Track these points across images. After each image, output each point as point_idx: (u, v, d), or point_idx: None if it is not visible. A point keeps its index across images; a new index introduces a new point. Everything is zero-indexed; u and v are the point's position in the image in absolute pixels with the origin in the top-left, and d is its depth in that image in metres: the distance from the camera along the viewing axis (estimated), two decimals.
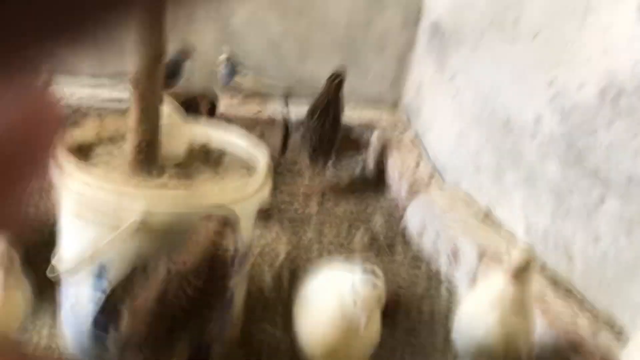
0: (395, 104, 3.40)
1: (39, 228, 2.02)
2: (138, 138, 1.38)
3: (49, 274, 1.40)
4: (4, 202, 0.21)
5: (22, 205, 0.21)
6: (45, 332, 1.56)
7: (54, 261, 1.46)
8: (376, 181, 2.94)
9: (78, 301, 1.41)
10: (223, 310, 1.40)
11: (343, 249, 2.24)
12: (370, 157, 3.10)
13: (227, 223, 1.19)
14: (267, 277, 1.92)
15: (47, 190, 2.15)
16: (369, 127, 3.00)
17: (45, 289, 1.71)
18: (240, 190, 1.38)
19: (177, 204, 1.27)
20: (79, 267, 1.32)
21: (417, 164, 2.70)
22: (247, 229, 1.46)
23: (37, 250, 1.87)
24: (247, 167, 1.58)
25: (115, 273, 1.33)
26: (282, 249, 2.15)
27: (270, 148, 2.91)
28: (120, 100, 2.90)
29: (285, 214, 2.49)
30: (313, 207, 2.58)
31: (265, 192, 1.47)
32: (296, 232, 2.32)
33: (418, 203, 2.40)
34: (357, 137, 2.74)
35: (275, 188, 2.67)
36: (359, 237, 2.31)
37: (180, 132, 1.55)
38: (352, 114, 2.80)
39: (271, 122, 3.06)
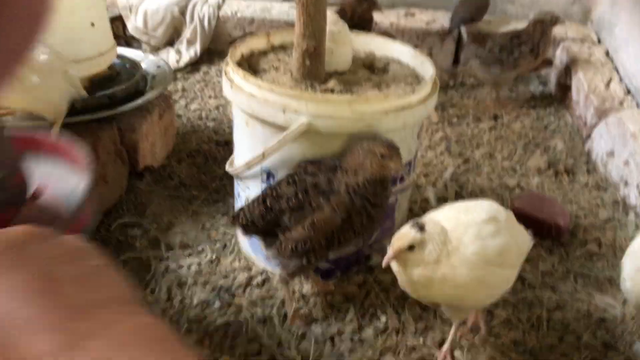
0: (583, 19, 3.06)
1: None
2: (304, 46, 1.39)
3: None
4: None
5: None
6: (221, 229, 1.70)
7: (229, 163, 1.57)
8: (558, 99, 2.68)
9: (248, 199, 1.49)
10: (385, 221, 1.42)
11: (516, 170, 2.10)
12: (553, 74, 2.84)
13: (393, 147, 1.18)
14: (431, 194, 1.87)
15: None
16: (553, 42, 2.72)
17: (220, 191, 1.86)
18: (405, 99, 1.33)
19: (342, 109, 1.26)
20: (250, 165, 1.39)
21: (608, 84, 2.41)
22: (411, 139, 1.42)
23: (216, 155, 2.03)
24: (414, 78, 1.52)
25: (281, 177, 1.38)
26: (450, 166, 2.08)
27: (439, 61, 2.81)
28: (289, 14, 2.96)
29: (455, 128, 2.39)
30: (486, 124, 2.44)
31: (431, 103, 1.40)
32: (464, 150, 2.22)
33: (607, 125, 2.15)
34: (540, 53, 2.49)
35: (444, 102, 2.60)
36: (536, 159, 2.15)
37: (345, 40, 1.52)
38: None
39: (442, 34, 2.91)
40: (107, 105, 1.70)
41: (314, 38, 1.38)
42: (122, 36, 2.93)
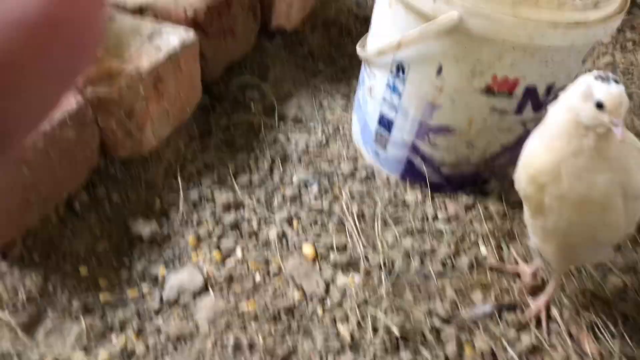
0: None
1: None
2: None
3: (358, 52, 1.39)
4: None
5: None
6: (338, 112, 1.61)
7: (360, 43, 1.44)
8: None
9: (371, 91, 1.38)
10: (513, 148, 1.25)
11: None
12: None
13: None
14: None
15: None
16: None
17: (346, 71, 1.74)
18: (583, 13, 1.09)
19: (504, 9, 1.07)
20: (382, 53, 1.25)
21: None
22: (574, 63, 1.20)
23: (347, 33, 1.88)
24: None
25: (412, 75, 1.24)
26: None
27: None
28: None
29: (626, 55, 2.05)
30: None
31: (613, 24, 1.15)
32: (629, 84, 1.90)
33: None
34: None
35: (622, 21, 2.22)
36: None
37: None
38: None
39: None
40: None
41: None
42: None
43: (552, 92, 1.23)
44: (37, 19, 0.19)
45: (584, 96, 0.87)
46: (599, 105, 0.85)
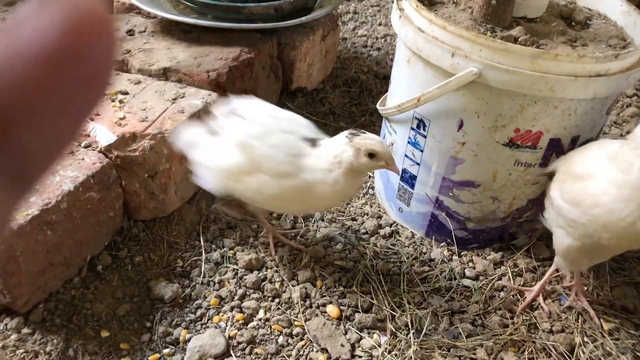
0: None
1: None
2: None
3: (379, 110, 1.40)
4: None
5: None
6: None
7: (381, 102, 1.45)
8: None
9: (393, 147, 1.37)
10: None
11: None
12: None
13: None
14: None
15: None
16: None
17: (367, 127, 1.74)
18: (604, 64, 1.08)
19: (522, 63, 1.06)
20: (402, 109, 1.26)
21: None
22: (597, 114, 1.18)
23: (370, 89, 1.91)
24: (619, 40, 1.25)
25: (433, 130, 1.24)
26: None
27: None
28: None
29: None
30: None
31: (636, 75, 1.14)
32: None
33: None
34: None
35: None
36: None
37: None
38: None
39: None
40: (272, 17, 1.64)
41: None
42: None
43: (577, 144, 1.21)
44: (47, 52, 0.19)
45: None
46: None
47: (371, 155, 1.03)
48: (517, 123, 1.15)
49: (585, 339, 1.16)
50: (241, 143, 1.07)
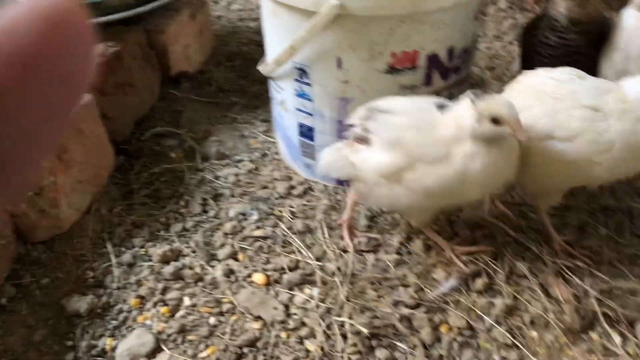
0: None
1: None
2: None
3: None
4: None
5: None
6: (261, 137, 1.57)
7: (261, 62, 1.41)
8: None
9: (284, 105, 1.34)
10: None
11: None
12: None
13: None
14: (496, 89, 1.65)
15: None
16: None
17: (260, 96, 1.71)
18: None
19: None
20: (280, 62, 1.23)
21: None
22: (466, 20, 1.20)
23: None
24: None
25: (316, 75, 1.22)
26: (518, 56, 1.82)
27: None
28: None
29: (527, 14, 2.09)
30: None
31: None
32: None
33: None
34: None
35: None
36: None
37: None
38: None
39: None
40: (133, 6, 1.56)
41: None
42: None
43: (454, 56, 1.22)
44: (21, 51, 0.18)
45: None
46: None
47: (495, 120, 0.92)
48: (392, 47, 1.14)
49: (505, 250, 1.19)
50: (388, 139, 1.00)
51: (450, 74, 1.25)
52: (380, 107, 1.04)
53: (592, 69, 1.22)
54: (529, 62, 1.32)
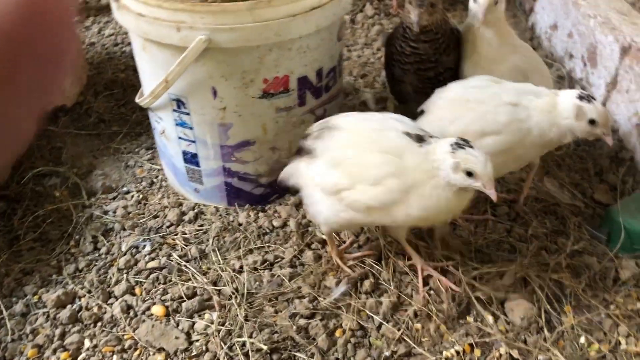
0: None
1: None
2: None
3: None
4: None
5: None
6: (147, 165, 1.58)
7: (139, 94, 1.42)
8: None
9: (165, 133, 1.37)
10: None
11: None
12: None
13: None
14: (369, 95, 1.76)
15: None
16: None
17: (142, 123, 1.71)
18: None
19: (243, 18, 1.11)
20: (156, 95, 1.25)
21: None
22: (329, 43, 1.28)
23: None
24: None
25: (193, 105, 1.25)
26: None
27: None
28: None
29: (392, 19, 2.23)
30: None
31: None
32: None
33: None
34: None
35: None
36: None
37: None
38: None
39: None
40: None
41: None
42: None
43: (323, 76, 1.30)
44: (7, 28, 0.18)
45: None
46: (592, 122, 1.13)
47: (469, 174, 0.97)
48: (263, 74, 1.20)
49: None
50: (332, 159, 1.07)
51: (321, 92, 1.33)
52: (331, 123, 1.11)
53: (443, 74, 1.36)
54: (391, 69, 1.43)
